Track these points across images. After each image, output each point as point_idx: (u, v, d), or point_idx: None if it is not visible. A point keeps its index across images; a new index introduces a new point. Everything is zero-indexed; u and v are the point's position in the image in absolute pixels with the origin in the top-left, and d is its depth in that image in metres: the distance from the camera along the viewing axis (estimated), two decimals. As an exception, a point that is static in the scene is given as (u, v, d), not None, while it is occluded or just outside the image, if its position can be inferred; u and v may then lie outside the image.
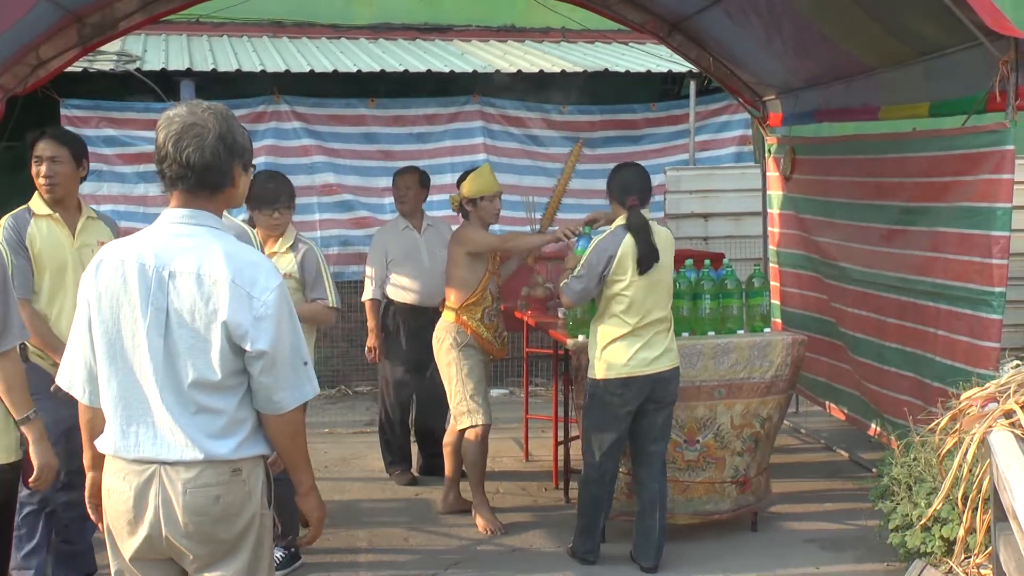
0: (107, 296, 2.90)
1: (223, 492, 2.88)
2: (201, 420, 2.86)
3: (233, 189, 3.02)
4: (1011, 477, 3.25)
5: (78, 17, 6.22)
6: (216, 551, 2.92)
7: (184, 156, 2.91)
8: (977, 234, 5.27)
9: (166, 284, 2.86)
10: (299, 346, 2.98)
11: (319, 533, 3.26)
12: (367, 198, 9.62)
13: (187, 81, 9.24)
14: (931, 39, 5.48)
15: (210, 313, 2.84)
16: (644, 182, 5.32)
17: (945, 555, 4.62)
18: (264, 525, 3.01)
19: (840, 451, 7.45)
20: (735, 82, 7.78)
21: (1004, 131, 5.08)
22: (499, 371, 9.37)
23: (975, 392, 4.37)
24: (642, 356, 5.12)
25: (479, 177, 6.00)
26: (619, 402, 5.15)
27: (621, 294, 5.12)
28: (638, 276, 5.11)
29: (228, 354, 2.86)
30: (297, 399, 2.97)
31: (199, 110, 2.96)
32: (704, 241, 9.63)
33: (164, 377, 2.85)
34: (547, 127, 10.07)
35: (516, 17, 11.83)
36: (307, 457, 3.11)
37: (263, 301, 2.86)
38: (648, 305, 5.15)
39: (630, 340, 5.12)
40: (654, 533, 5.29)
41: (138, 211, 9.22)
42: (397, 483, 6.83)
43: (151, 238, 2.94)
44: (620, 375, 5.12)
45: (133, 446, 2.89)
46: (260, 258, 3.00)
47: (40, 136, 4.82)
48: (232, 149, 2.96)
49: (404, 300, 6.71)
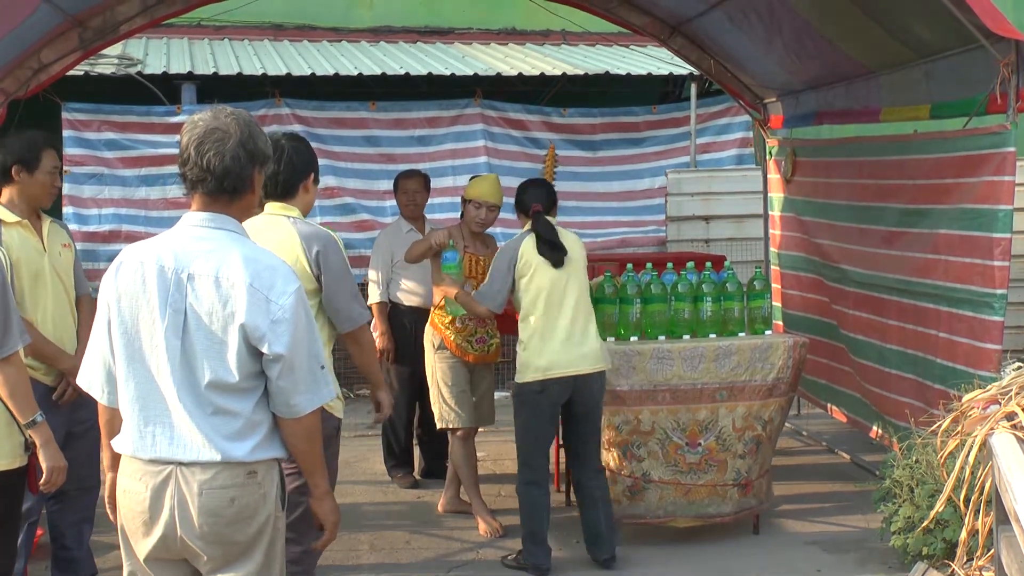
0: (126, 297, 2.94)
1: (238, 494, 2.91)
2: (218, 421, 2.89)
3: (252, 195, 3.06)
4: (1013, 479, 3.25)
5: (79, 21, 6.22)
6: (230, 552, 2.94)
7: (205, 160, 2.94)
8: (978, 236, 5.27)
9: (184, 286, 2.89)
10: (316, 350, 3.01)
11: (333, 537, 3.28)
12: (368, 201, 9.63)
13: (188, 84, 9.27)
14: (932, 41, 5.48)
15: (228, 316, 2.87)
16: (548, 195, 5.52)
17: (947, 558, 4.62)
18: (277, 528, 3.04)
19: (842, 453, 7.44)
20: (736, 84, 7.79)
21: (1005, 133, 5.08)
22: (501, 374, 9.37)
23: (977, 394, 4.38)
24: (561, 357, 5.16)
25: (477, 181, 6.11)
26: (543, 401, 5.22)
27: (529, 288, 5.22)
28: (551, 270, 5.21)
29: (245, 356, 2.89)
30: (314, 403, 3.00)
31: (222, 115, 2.99)
32: (705, 243, 9.63)
33: (181, 378, 2.89)
34: (548, 130, 10.07)
35: (517, 20, 11.84)
36: (323, 461, 3.15)
37: (280, 305, 2.90)
38: (560, 298, 5.20)
39: (547, 336, 5.18)
40: (600, 524, 5.32)
41: (139, 215, 9.24)
42: (399, 486, 6.83)
43: (171, 240, 2.98)
44: (539, 377, 5.18)
45: (150, 446, 2.91)
46: (278, 262, 3.02)
47: (50, 145, 4.78)
48: (253, 155, 3.00)
49: (408, 303, 6.71)
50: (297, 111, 9.50)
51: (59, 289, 4.72)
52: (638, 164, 10.26)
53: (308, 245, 4.16)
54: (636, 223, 10.14)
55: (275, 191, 4.27)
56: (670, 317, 5.72)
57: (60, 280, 4.73)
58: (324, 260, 4.17)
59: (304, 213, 4.35)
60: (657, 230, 10.02)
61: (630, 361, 5.51)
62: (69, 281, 4.79)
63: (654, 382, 5.54)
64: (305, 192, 4.34)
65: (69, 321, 4.76)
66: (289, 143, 4.32)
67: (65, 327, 4.73)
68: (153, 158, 9.27)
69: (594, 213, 10.01)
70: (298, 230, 4.20)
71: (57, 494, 4.84)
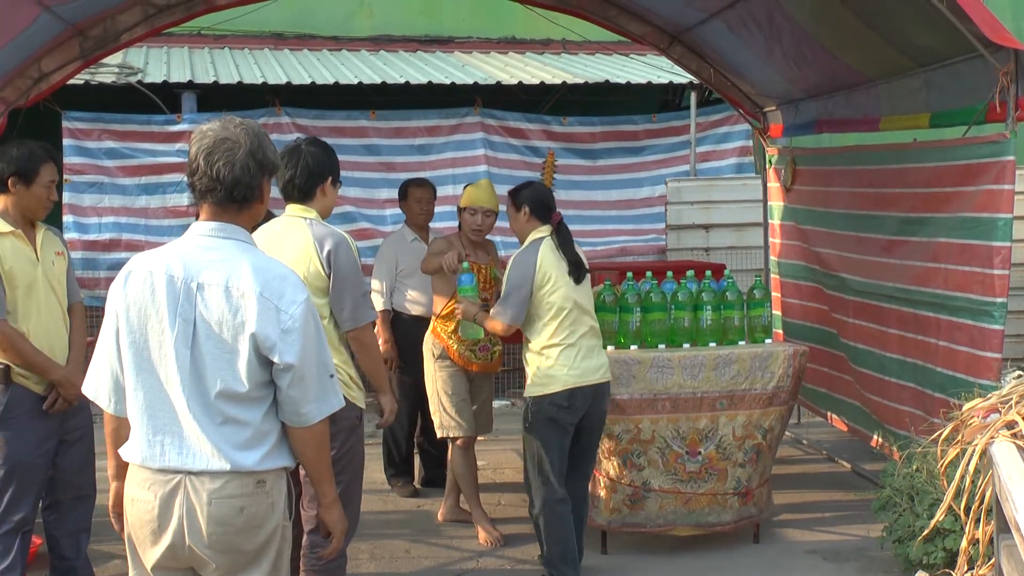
0: (135, 307, 2.95)
1: (247, 503, 2.92)
2: (227, 431, 2.90)
3: (261, 204, 3.08)
4: (1013, 488, 3.25)
5: (80, 30, 6.23)
6: (237, 561, 2.96)
7: (215, 170, 2.96)
8: (978, 245, 5.27)
9: (194, 296, 2.91)
10: (325, 359, 3.03)
11: (340, 546, 3.30)
12: (368, 210, 9.64)
13: (188, 93, 9.29)
14: (931, 50, 5.49)
15: (238, 325, 2.88)
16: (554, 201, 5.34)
17: (948, 567, 4.61)
18: (285, 537, 3.05)
19: (842, 462, 7.44)
20: (735, 93, 7.80)
21: (1004, 142, 5.09)
22: (500, 382, 9.36)
23: (977, 403, 4.38)
24: (585, 365, 5.05)
25: (471, 189, 6.10)
26: (566, 416, 5.03)
27: (549, 300, 5.03)
28: (571, 280, 5.07)
29: (255, 366, 2.91)
30: (323, 411, 3.02)
31: (232, 126, 3.01)
32: (705, 252, 9.63)
33: (191, 388, 2.89)
34: (548, 139, 10.09)
35: (517, 29, 11.87)
36: (331, 470, 3.16)
37: (291, 314, 2.92)
38: (579, 313, 5.09)
39: (569, 349, 5.04)
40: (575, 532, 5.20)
41: (139, 223, 9.24)
42: (399, 495, 6.82)
43: (180, 250, 2.99)
44: (568, 387, 5.01)
45: (159, 455, 2.92)
46: (288, 271, 3.03)
47: (51, 157, 4.77)
48: (262, 165, 3.02)
49: (412, 312, 6.70)
50: (297, 120, 9.52)
51: (52, 299, 4.70)
52: (638, 173, 10.28)
53: (320, 245, 4.26)
54: (636, 232, 10.15)
55: (293, 194, 4.41)
56: (670, 326, 5.72)
57: (53, 290, 4.71)
58: (335, 259, 4.25)
59: (323, 215, 4.45)
60: (657, 239, 10.02)
61: (630, 370, 5.50)
62: (62, 290, 4.77)
63: (654, 391, 5.53)
64: (323, 195, 4.46)
65: (62, 331, 4.74)
66: (307, 147, 4.46)
67: (57, 336, 4.71)
68: (153, 167, 9.29)
69: (594, 222, 10.02)
70: (312, 231, 4.30)
71: (52, 504, 4.84)
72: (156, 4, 6.46)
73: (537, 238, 5.16)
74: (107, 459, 3.14)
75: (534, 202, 5.22)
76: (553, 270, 5.05)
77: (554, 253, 5.09)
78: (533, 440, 5.07)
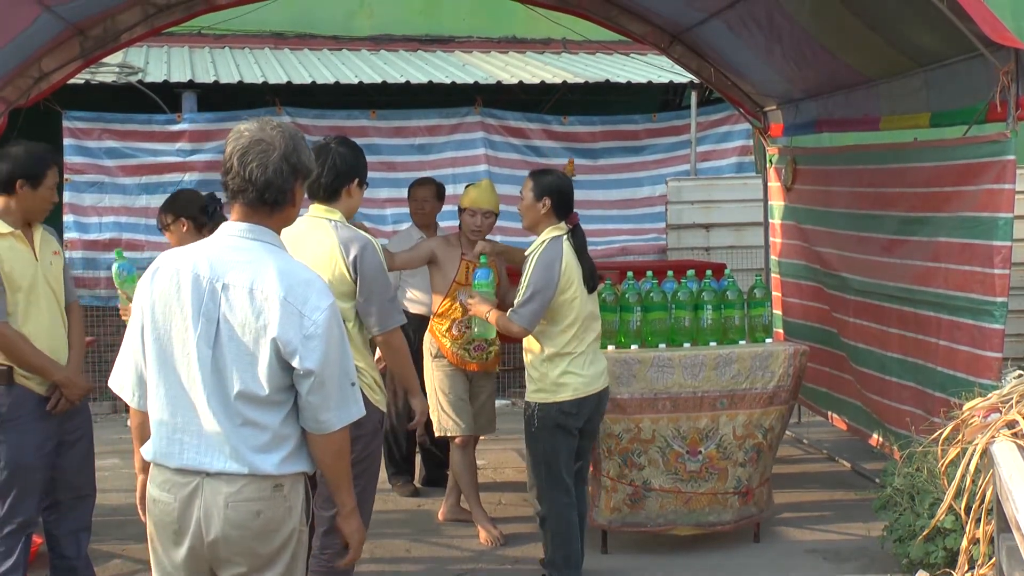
0: (160, 304, 2.95)
1: (264, 507, 2.92)
2: (246, 433, 2.90)
3: (293, 208, 3.07)
4: (1014, 488, 3.25)
5: (80, 29, 6.24)
6: (252, 564, 2.96)
7: (248, 171, 2.95)
8: (978, 244, 5.27)
9: (219, 296, 2.90)
10: (347, 366, 3.01)
11: (358, 556, 3.27)
12: (369, 210, 9.62)
13: (189, 93, 9.29)
14: (931, 50, 5.49)
15: (260, 328, 2.87)
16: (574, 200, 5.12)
17: (948, 566, 4.61)
18: (300, 541, 3.05)
19: (842, 461, 7.44)
20: (736, 93, 7.80)
21: (1005, 141, 5.09)
22: (500, 382, 9.35)
23: (977, 402, 4.38)
24: (591, 372, 4.98)
25: (471, 190, 6.08)
26: (573, 421, 4.97)
27: (570, 305, 4.91)
28: (584, 291, 4.94)
29: (276, 370, 2.89)
30: (343, 419, 3.00)
31: (268, 127, 3.00)
32: (706, 251, 9.63)
33: (212, 387, 2.89)
34: (548, 138, 10.08)
35: (517, 28, 11.86)
36: (350, 478, 3.14)
37: (313, 320, 2.90)
38: (591, 321, 5.03)
39: (580, 357, 4.94)
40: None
41: (140, 223, 9.25)
42: (399, 494, 6.82)
43: (208, 249, 2.99)
44: (579, 395, 4.92)
45: (177, 453, 2.92)
46: (313, 277, 3.02)
47: (55, 162, 4.76)
48: (296, 168, 3.01)
49: (413, 311, 6.70)
50: (297, 119, 9.51)
51: (51, 300, 4.69)
52: (638, 172, 10.28)
53: (346, 249, 4.23)
54: (636, 231, 10.15)
55: (318, 193, 4.34)
56: (670, 325, 5.72)
57: (52, 290, 4.70)
58: (361, 263, 4.22)
59: (348, 216, 4.40)
60: (657, 238, 10.02)
61: (630, 369, 5.50)
62: (60, 290, 4.77)
63: (655, 390, 5.53)
64: (348, 196, 4.39)
65: (61, 331, 4.74)
66: (336, 147, 4.39)
67: (58, 337, 4.71)
68: (154, 166, 9.29)
69: (594, 221, 10.00)
70: (338, 235, 4.26)
71: (52, 504, 4.84)
72: (156, 4, 6.47)
73: (555, 236, 4.94)
74: (133, 454, 3.16)
75: (559, 196, 4.96)
76: (575, 275, 4.92)
77: (573, 258, 4.95)
78: (540, 445, 5.00)
